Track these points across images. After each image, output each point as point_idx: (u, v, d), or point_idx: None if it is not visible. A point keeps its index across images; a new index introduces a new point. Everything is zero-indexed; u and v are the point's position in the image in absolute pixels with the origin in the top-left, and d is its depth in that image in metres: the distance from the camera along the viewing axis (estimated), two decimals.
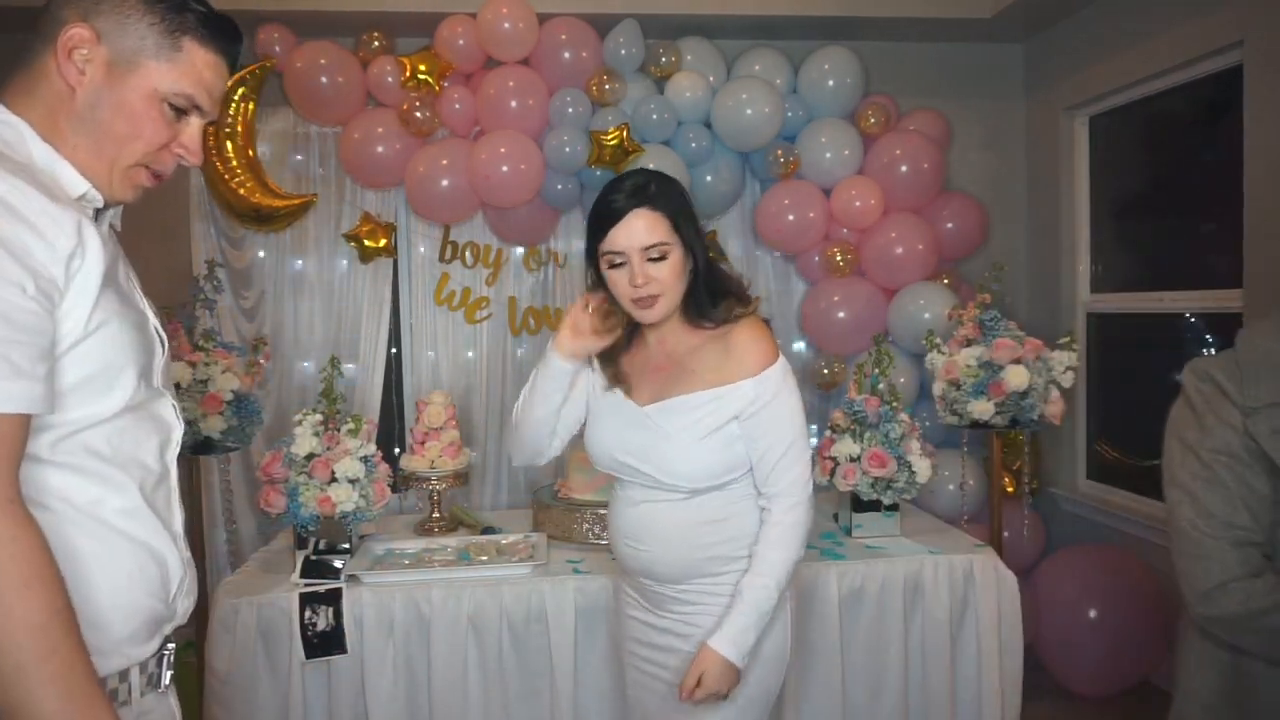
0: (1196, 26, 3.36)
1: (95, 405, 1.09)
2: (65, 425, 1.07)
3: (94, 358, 1.08)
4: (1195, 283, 3.61)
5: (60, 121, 1.13)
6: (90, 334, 1.07)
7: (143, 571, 1.14)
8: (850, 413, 2.77)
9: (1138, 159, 4.06)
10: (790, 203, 3.95)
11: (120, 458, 1.12)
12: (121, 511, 1.12)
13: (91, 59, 1.12)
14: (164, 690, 1.22)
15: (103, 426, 1.10)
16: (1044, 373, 2.91)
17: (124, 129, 1.15)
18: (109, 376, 1.10)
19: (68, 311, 1.05)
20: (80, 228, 1.06)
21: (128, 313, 1.14)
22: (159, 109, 1.16)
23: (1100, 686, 3.47)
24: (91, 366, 1.08)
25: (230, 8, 4.15)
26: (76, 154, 1.14)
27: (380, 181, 3.99)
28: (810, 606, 2.47)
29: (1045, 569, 3.64)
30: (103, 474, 1.11)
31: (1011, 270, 4.20)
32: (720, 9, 3.93)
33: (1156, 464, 1.43)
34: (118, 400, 1.11)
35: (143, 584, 1.14)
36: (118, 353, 1.11)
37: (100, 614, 1.10)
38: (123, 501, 1.13)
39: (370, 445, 2.54)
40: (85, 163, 1.14)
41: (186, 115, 1.19)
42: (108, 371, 1.10)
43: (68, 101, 1.13)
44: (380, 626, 2.36)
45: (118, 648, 1.12)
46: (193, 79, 1.17)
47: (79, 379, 1.07)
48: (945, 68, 4.40)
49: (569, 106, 3.78)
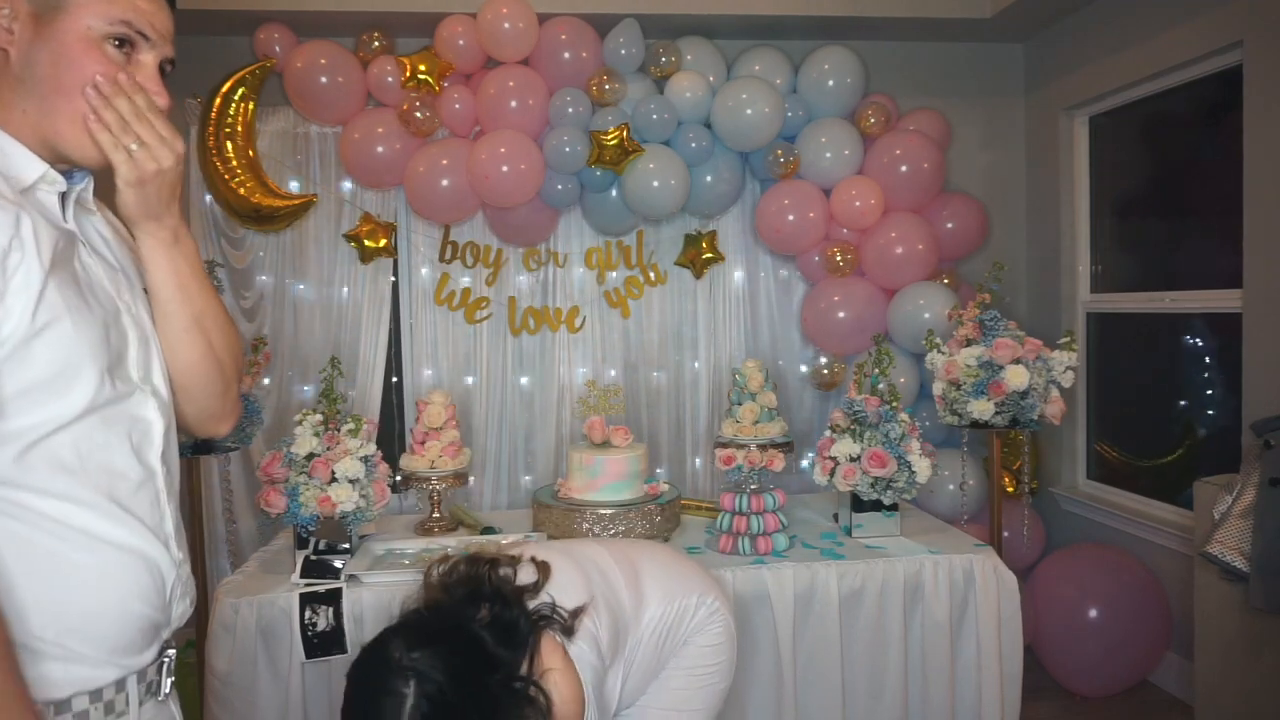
0: (1196, 26, 3.36)
1: (49, 409, 1.01)
2: (23, 434, 1.00)
3: (43, 358, 1.00)
4: (1195, 283, 3.61)
5: (4, 91, 1.06)
6: (37, 334, 0.99)
7: (132, 578, 1.08)
8: (850, 413, 2.77)
9: (1138, 159, 4.06)
10: (790, 203, 3.95)
11: (89, 464, 1.05)
12: (100, 518, 1.05)
13: (15, 14, 1.05)
14: (164, 698, 1.17)
15: (65, 432, 1.03)
16: (1044, 373, 2.91)
17: (69, 79, 1.06)
18: (66, 377, 1.02)
19: (8, 311, 0.97)
20: (18, 221, 0.99)
21: (84, 307, 1.05)
22: (99, 48, 1.08)
23: (1100, 686, 3.47)
24: (42, 368, 1.00)
25: (230, 8, 4.11)
26: (28, 119, 1.07)
27: (380, 181, 3.99)
28: (810, 606, 2.47)
29: (1045, 569, 3.63)
30: (73, 482, 1.03)
31: (1011, 270, 4.20)
32: (720, 9, 3.93)
33: (1156, 464, 1.43)
34: (77, 402, 1.03)
35: (133, 591, 1.08)
36: (72, 352, 1.02)
37: (89, 624, 1.04)
38: (98, 508, 1.05)
39: (370, 445, 2.53)
40: (42, 128, 1.07)
41: (135, 51, 1.11)
42: (63, 372, 1.02)
43: (4, 67, 1.05)
44: (380, 626, 2.34)
45: (111, 658, 1.07)
46: (124, 5, 1.08)
47: (28, 382, 0.99)
48: (945, 68, 4.40)
49: (569, 106, 3.78)
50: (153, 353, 1.17)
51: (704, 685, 1.82)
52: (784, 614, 2.44)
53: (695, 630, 1.82)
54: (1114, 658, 3.40)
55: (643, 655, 1.73)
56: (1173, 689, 3.54)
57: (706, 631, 1.83)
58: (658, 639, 1.75)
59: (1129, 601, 3.39)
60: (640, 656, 1.72)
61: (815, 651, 2.46)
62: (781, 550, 2.59)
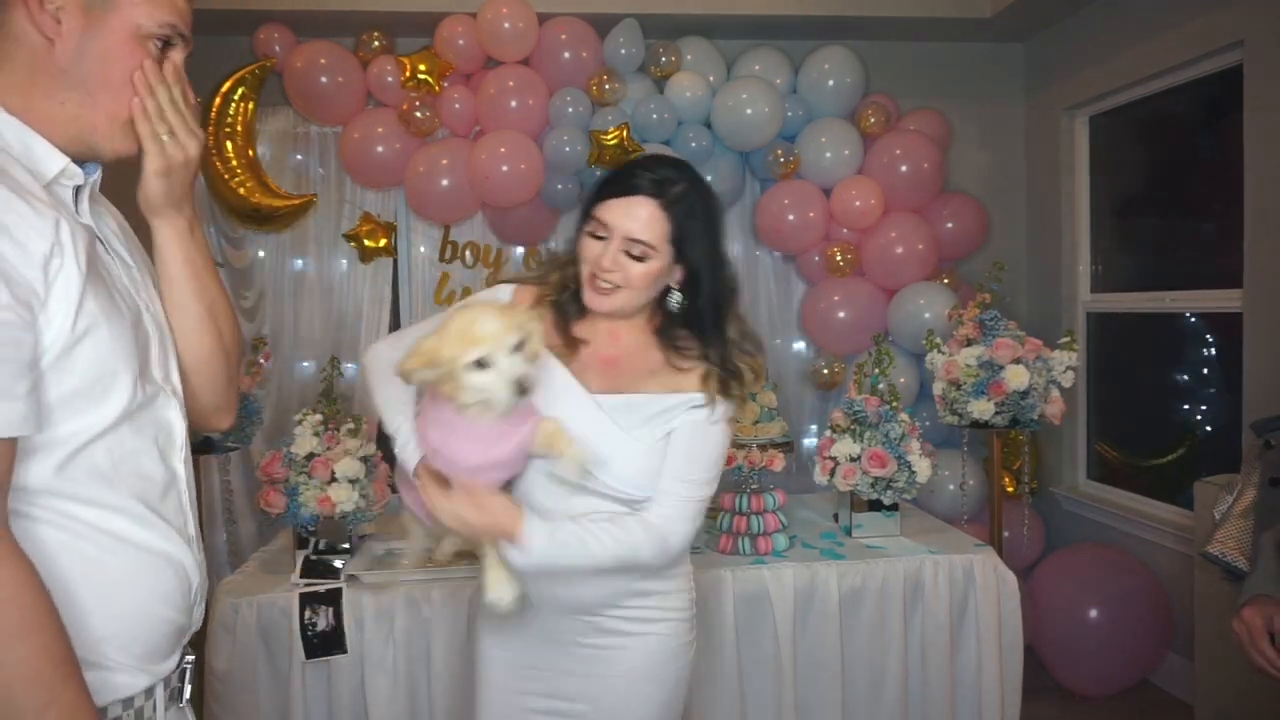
0: (1196, 26, 3.36)
1: (89, 416, 1.00)
2: (64, 444, 0.99)
3: (83, 366, 0.99)
4: (1195, 282, 3.61)
5: (42, 80, 1.03)
6: (77, 341, 0.98)
7: (164, 583, 1.08)
8: (850, 413, 2.76)
9: (1138, 159, 4.06)
10: (790, 203, 3.95)
11: (123, 469, 1.04)
12: (134, 524, 1.04)
13: (64, 6, 1.02)
14: (184, 705, 1.16)
15: (103, 439, 1.02)
16: (1044, 372, 2.91)
17: (117, 74, 1.06)
18: (104, 384, 1.01)
19: (49, 319, 0.95)
20: (57, 226, 0.98)
21: (116, 311, 1.04)
22: (144, 46, 1.07)
23: (1100, 686, 3.47)
24: (81, 376, 0.99)
25: (230, 8, 4.10)
26: (66, 110, 1.05)
27: (380, 181, 3.98)
28: (810, 606, 2.47)
29: (1045, 569, 3.63)
30: (109, 488, 1.02)
31: (1011, 270, 4.19)
32: (720, 9, 3.93)
33: (1157, 464, 1.43)
34: (114, 408, 1.02)
35: (164, 596, 1.08)
36: (109, 358, 1.01)
37: (126, 632, 1.03)
38: (133, 514, 1.04)
39: (370, 445, 2.53)
40: (80, 119, 1.05)
41: (172, 48, 1.11)
42: (101, 379, 1.01)
43: (46, 57, 1.02)
44: (380, 626, 2.36)
45: (143, 665, 1.06)
46: (170, 7, 1.08)
47: (69, 390, 0.98)
48: (945, 68, 4.40)
49: (569, 106, 3.78)
50: (169, 351, 1.17)
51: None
52: (784, 614, 2.44)
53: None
54: (1114, 658, 3.40)
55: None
56: (1173, 689, 3.53)
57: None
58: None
59: (1129, 601, 3.39)
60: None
61: (815, 651, 2.46)
62: (781, 550, 2.59)
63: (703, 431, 1.54)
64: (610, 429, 1.51)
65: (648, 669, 1.59)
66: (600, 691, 1.59)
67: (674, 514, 1.50)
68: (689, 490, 1.52)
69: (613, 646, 1.58)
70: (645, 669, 1.59)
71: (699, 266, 1.55)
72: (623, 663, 1.58)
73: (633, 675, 1.59)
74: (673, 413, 1.53)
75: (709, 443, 1.55)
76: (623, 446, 1.50)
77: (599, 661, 1.59)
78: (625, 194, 1.52)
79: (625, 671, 1.58)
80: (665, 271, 1.54)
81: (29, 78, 1.03)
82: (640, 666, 1.59)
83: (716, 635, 2.40)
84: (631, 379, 1.56)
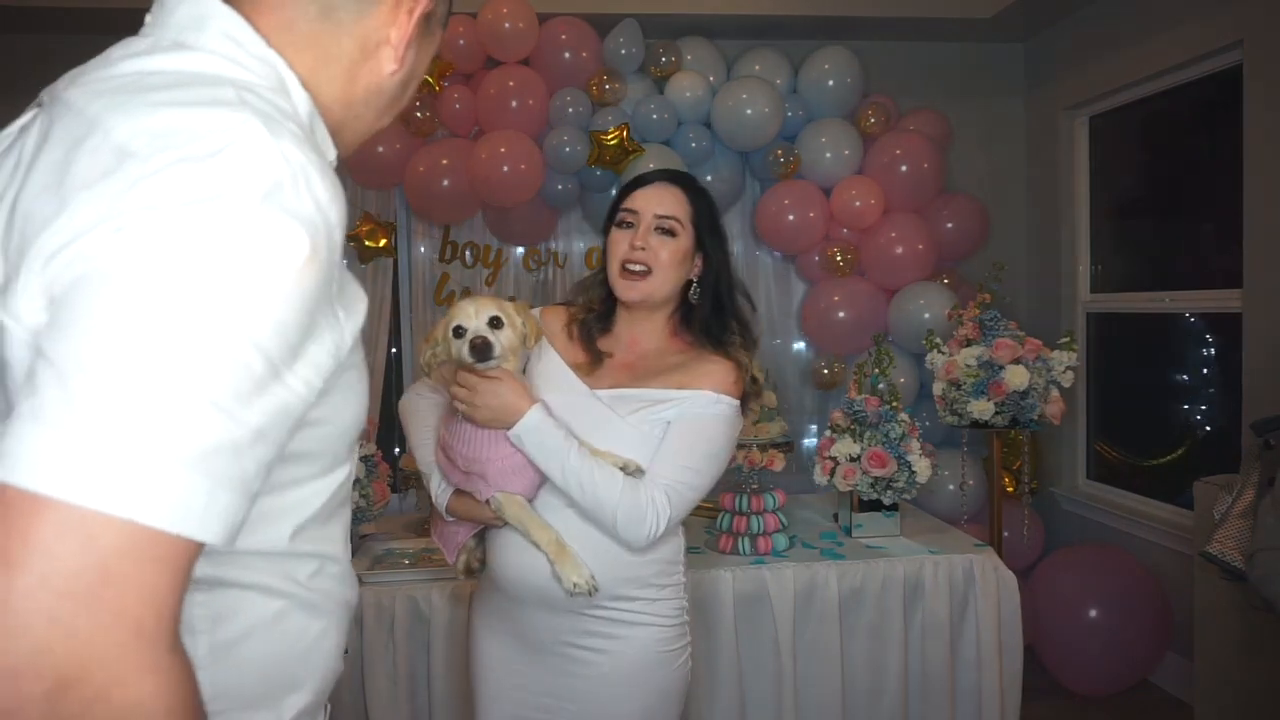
0: (1196, 26, 3.36)
1: (329, 477, 0.84)
2: (309, 502, 0.82)
3: (332, 423, 0.79)
4: (1195, 283, 3.61)
5: (357, 89, 0.83)
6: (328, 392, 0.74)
7: (344, 628, 0.93)
8: (850, 413, 2.76)
9: (1138, 159, 4.06)
10: (790, 203, 3.95)
11: (337, 517, 0.89)
12: (336, 572, 0.88)
13: (408, 41, 0.85)
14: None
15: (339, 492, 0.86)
16: (1044, 373, 2.91)
17: (407, 101, 0.91)
18: (346, 442, 0.83)
19: (342, 338, 0.74)
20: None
21: (358, 354, 0.82)
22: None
23: (1100, 686, 3.47)
24: (322, 441, 0.79)
25: None
26: (361, 124, 0.87)
27: (380, 181, 3.98)
28: (810, 606, 2.47)
29: (1045, 569, 3.63)
30: (323, 539, 0.86)
31: (1011, 270, 4.19)
32: (720, 9, 3.93)
33: (1156, 464, 1.43)
34: (346, 469, 0.85)
35: (342, 641, 0.93)
36: (356, 409, 0.83)
37: (321, 687, 0.90)
38: (336, 559, 0.88)
39: (370, 445, 2.54)
40: (347, 130, 0.86)
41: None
42: (344, 437, 0.82)
43: (379, 69, 0.83)
44: (380, 626, 2.36)
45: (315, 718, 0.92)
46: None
47: (307, 450, 0.78)
48: (945, 68, 4.40)
49: (569, 106, 3.78)
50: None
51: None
52: (784, 614, 2.44)
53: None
54: (1114, 658, 3.40)
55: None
56: (1173, 689, 3.54)
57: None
58: None
59: (1129, 601, 3.39)
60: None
61: (815, 651, 2.46)
62: (781, 550, 2.59)
63: (703, 421, 1.59)
64: (604, 413, 1.59)
65: (631, 674, 1.60)
66: (585, 693, 1.61)
67: (659, 495, 1.54)
68: (679, 475, 1.56)
69: (598, 649, 1.60)
70: (629, 673, 1.60)
71: (713, 255, 1.68)
72: (605, 665, 1.60)
73: (615, 679, 1.60)
74: (674, 404, 1.59)
75: (707, 433, 1.60)
76: (619, 432, 1.57)
77: (585, 663, 1.61)
78: (649, 184, 1.68)
79: (608, 674, 1.60)
80: (690, 255, 1.66)
81: (346, 75, 0.83)
82: (624, 670, 1.60)
83: (716, 635, 2.40)
84: (640, 377, 1.65)
